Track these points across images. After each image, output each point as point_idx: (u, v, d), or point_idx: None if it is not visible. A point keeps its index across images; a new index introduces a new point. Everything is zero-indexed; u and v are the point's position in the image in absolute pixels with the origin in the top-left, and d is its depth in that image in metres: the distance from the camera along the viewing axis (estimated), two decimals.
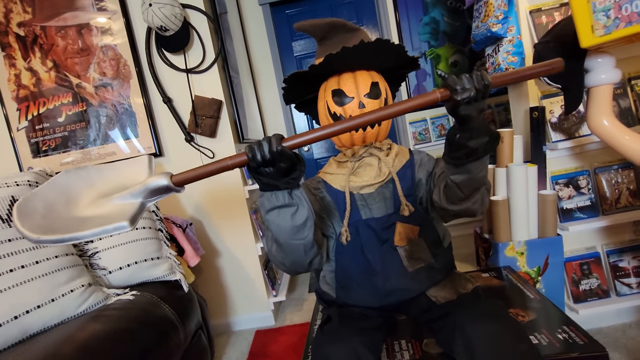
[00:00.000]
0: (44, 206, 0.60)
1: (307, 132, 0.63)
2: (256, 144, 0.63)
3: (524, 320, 0.93)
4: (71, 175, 0.65)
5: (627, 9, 0.76)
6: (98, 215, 0.60)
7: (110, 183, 0.65)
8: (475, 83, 0.60)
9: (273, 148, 0.62)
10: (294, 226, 0.74)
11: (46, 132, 1.81)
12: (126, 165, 0.67)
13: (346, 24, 0.93)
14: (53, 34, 1.75)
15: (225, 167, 0.62)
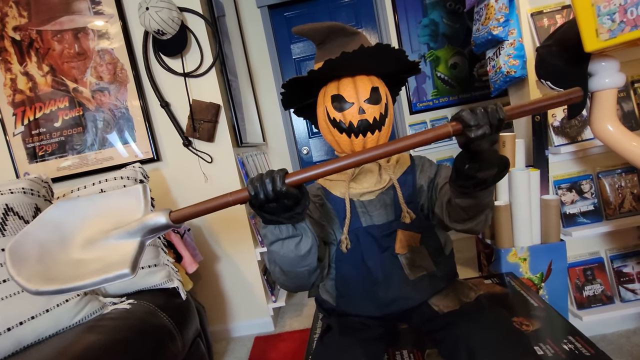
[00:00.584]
0: (37, 248, 0.57)
1: (314, 167, 0.60)
2: (258, 180, 0.60)
3: (528, 330, 0.91)
4: (62, 210, 0.61)
5: (633, 13, 0.75)
6: (96, 257, 0.57)
7: (105, 218, 0.61)
8: (490, 118, 0.57)
9: (277, 187, 0.59)
10: (298, 256, 0.72)
11: (42, 137, 1.79)
12: (120, 197, 0.63)
13: (345, 28, 0.91)
14: (49, 38, 1.73)
15: (226, 203, 0.59)
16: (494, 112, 0.58)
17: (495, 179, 0.64)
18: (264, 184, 0.59)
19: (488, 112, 0.57)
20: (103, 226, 0.60)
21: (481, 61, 2.58)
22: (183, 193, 1.86)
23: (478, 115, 0.57)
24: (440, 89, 2.63)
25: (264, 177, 0.59)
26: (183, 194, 1.86)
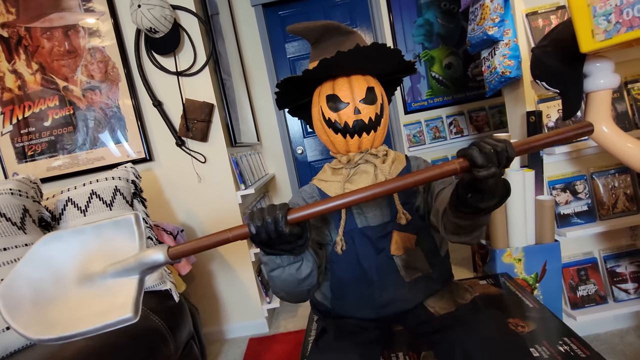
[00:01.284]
0: (30, 289, 0.54)
1: (317, 204, 0.58)
2: (260, 220, 0.58)
3: (524, 331, 0.91)
4: (50, 245, 0.58)
5: (629, 14, 0.75)
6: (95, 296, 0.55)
7: (98, 251, 0.59)
8: (499, 158, 0.55)
9: (279, 228, 0.57)
10: (298, 279, 0.72)
11: (32, 137, 1.76)
12: (112, 229, 0.59)
13: (341, 27, 0.90)
14: (38, 35, 1.70)
15: (226, 240, 0.58)
16: (504, 152, 0.55)
17: (496, 206, 0.63)
18: (266, 225, 0.57)
19: (498, 151, 0.55)
20: (97, 261, 0.58)
21: (475, 61, 2.59)
22: (176, 193, 1.84)
23: (487, 155, 0.55)
24: (435, 89, 2.63)
25: (265, 216, 0.57)
26: (176, 195, 1.84)
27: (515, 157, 0.57)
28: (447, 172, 0.57)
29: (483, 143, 0.56)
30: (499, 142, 0.56)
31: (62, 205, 1.24)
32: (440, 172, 0.57)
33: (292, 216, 0.58)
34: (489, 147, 0.55)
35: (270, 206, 0.59)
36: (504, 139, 0.57)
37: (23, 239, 1.02)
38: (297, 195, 0.96)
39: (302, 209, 0.58)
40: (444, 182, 0.88)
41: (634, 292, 1.38)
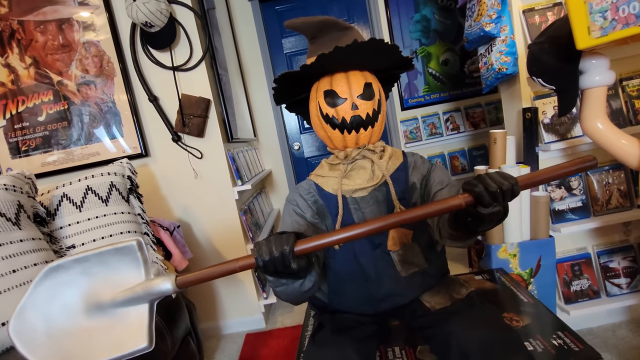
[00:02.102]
0: (42, 321, 0.55)
1: (323, 236, 0.59)
2: (267, 253, 0.58)
3: (518, 326, 0.92)
4: (54, 277, 0.58)
5: (625, 11, 0.75)
6: (107, 325, 0.57)
7: (104, 280, 0.59)
8: (504, 197, 0.56)
9: (286, 263, 0.58)
10: (302, 292, 0.73)
11: (26, 132, 1.74)
12: (115, 256, 0.59)
13: (338, 22, 0.90)
14: (32, 28, 1.67)
15: (232, 270, 0.59)
16: (509, 191, 0.56)
17: (493, 227, 0.64)
18: (274, 260, 0.58)
19: (504, 191, 0.55)
20: (104, 289, 0.58)
21: (472, 58, 2.59)
22: (172, 189, 1.83)
23: (494, 194, 0.55)
24: (432, 85, 2.63)
25: (273, 251, 0.58)
26: (172, 191, 1.83)
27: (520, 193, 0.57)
28: (452, 207, 0.58)
29: (490, 181, 0.56)
30: (505, 180, 0.56)
31: (57, 201, 1.23)
32: (445, 206, 0.58)
33: (299, 248, 0.58)
34: (495, 187, 0.55)
35: (277, 238, 0.59)
36: (510, 175, 0.57)
37: (18, 234, 1.01)
38: (294, 191, 0.96)
39: (309, 241, 0.59)
40: (441, 181, 0.89)
41: (626, 287, 1.40)
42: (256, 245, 0.60)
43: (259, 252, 0.59)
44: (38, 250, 1.04)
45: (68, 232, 1.20)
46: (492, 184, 0.56)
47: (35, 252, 1.03)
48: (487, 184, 0.56)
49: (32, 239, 1.05)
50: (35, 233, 1.07)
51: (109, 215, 1.25)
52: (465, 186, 0.58)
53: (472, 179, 0.59)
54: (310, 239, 0.59)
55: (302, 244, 0.59)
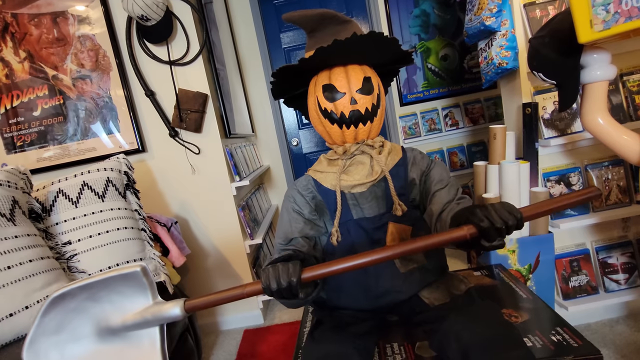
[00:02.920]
0: (54, 348, 0.56)
1: (330, 264, 0.61)
2: (275, 282, 0.60)
3: (517, 321, 0.91)
4: (60, 305, 0.58)
5: (628, 4, 0.74)
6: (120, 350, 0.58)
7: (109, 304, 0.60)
8: (508, 232, 0.57)
9: (293, 291, 0.60)
10: (304, 302, 0.73)
11: (21, 127, 1.72)
12: (119, 281, 0.59)
13: (337, 15, 0.88)
14: (26, 22, 1.65)
15: (240, 296, 0.61)
16: (514, 227, 0.56)
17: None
18: (281, 289, 0.59)
19: (509, 226, 0.56)
20: (113, 313, 0.60)
21: (471, 53, 2.58)
22: (170, 185, 1.82)
23: (499, 230, 0.56)
24: (431, 80, 2.62)
25: (281, 281, 0.59)
26: (170, 186, 1.82)
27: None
28: (456, 239, 0.59)
29: (496, 215, 0.57)
30: (512, 216, 0.56)
31: (53, 197, 1.21)
32: (449, 237, 0.59)
33: (306, 276, 0.60)
34: (501, 223, 0.56)
35: (284, 268, 0.60)
36: (516, 209, 0.57)
37: (12, 230, 1.00)
38: (292, 188, 0.95)
39: (316, 269, 0.61)
40: (441, 180, 0.89)
41: (624, 283, 1.40)
42: (263, 273, 0.61)
43: (267, 282, 0.60)
44: (33, 246, 1.03)
45: (64, 228, 1.19)
46: (499, 220, 0.56)
47: (31, 248, 1.02)
48: (493, 220, 0.56)
49: (27, 235, 1.04)
50: (30, 229, 1.06)
51: (105, 211, 1.24)
52: (471, 217, 0.59)
53: (477, 210, 0.60)
54: (317, 267, 0.61)
55: (309, 271, 0.60)
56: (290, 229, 0.90)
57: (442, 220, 0.79)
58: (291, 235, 0.89)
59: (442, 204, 0.84)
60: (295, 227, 0.89)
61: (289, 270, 0.60)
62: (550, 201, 0.59)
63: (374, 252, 0.60)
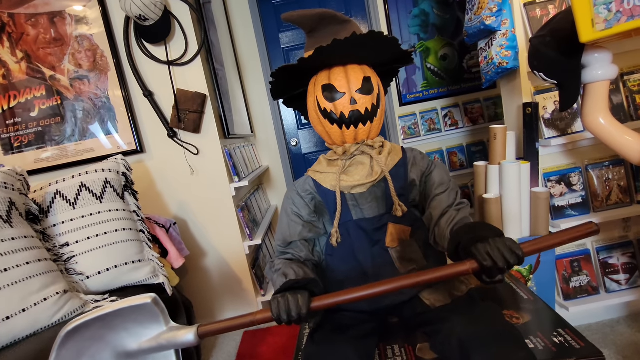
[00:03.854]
0: None
1: (337, 294, 0.65)
2: (285, 313, 0.63)
3: (519, 323, 0.91)
4: (75, 338, 0.60)
5: (630, 3, 0.73)
6: None
7: (124, 331, 0.63)
8: (508, 269, 0.60)
9: (303, 321, 0.64)
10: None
11: (18, 127, 1.71)
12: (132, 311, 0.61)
13: (337, 15, 0.88)
14: (22, 22, 1.64)
15: (251, 323, 0.64)
16: (515, 263, 0.59)
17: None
18: (291, 319, 0.64)
19: (511, 264, 0.59)
20: (128, 340, 0.62)
21: (471, 53, 2.57)
22: (168, 186, 1.81)
23: (500, 270, 0.59)
24: (430, 80, 2.61)
25: (292, 313, 0.63)
26: (168, 187, 1.81)
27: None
28: (459, 273, 0.62)
29: (499, 255, 0.59)
30: (514, 255, 0.59)
31: (51, 198, 1.20)
32: (451, 272, 0.63)
33: (315, 305, 0.64)
34: (503, 263, 0.59)
35: (293, 299, 0.64)
36: (518, 246, 0.60)
37: (9, 232, 0.99)
38: (292, 189, 0.95)
39: (324, 298, 0.65)
40: (441, 183, 0.89)
41: (625, 283, 1.40)
42: (274, 303, 0.65)
43: (277, 313, 0.64)
44: (30, 248, 1.02)
45: (61, 230, 1.18)
46: (501, 260, 0.59)
47: (28, 250, 1.01)
48: (496, 259, 0.59)
49: (25, 237, 1.03)
50: (27, 231, 1.05)
51: (103, 212, 1.23)
52: (474, 251, 0.61)
53: (480, 246, 0.62)
54: (325, 297, 0.65)
55: (318, 301, 0.64)
56: (289, 233, 0.91)
57: (441, 228, 0.82)
58: (290, 239, 0.91)
59: (442, 209, 0.85)
60: (293, 231, 0.90)
61: (298, 303, 0.63)
62: (550, 237, 0.63)
63: (381, 284, 0.64)
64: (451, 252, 0.73)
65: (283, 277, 0.78)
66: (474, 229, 0.70)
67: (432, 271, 0.63)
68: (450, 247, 0.73)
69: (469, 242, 0.66)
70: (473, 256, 0.62)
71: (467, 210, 0.87)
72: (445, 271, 0.62)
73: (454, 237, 0.73)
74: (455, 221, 0.81)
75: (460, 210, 0.84)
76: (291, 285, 0.70)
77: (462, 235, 0.70)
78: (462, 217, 0.82)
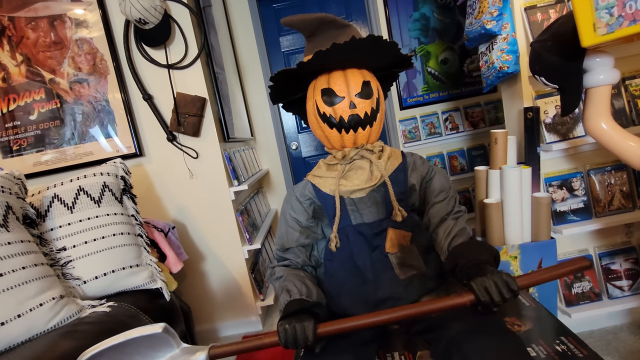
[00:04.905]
0: None
1: (342, 321, 0.68)
2: (293, 339, 0.66)
3: (520, 330, 0.90)
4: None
5: (632, 7, 0.73)
6: None
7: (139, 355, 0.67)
8: (503, 303, 0.63)
9: (310, 347, 0.68)
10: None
11: (17, 131, 1.71)
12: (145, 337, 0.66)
13: (336, 19, 0.88)
14: (22, 25, 1.64)
15: (261, 346, 0.69)
16: (510, 298, 0.63)
17: None
18: (297, 343, 0.67)
19: (506, 299, 0.63)
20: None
21: (471, 57, 2.57)
22: (167, 189, 1.80)
23: (497, 304, 0.63)
24: (431, 84, 2.61)
25: (298, 340, 0.66)
26: (167, 191, 1.80)
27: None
28: (457, 305, 0.66)
29: (495, 291, 0.63)
30: (510, 291, 0.62)
31: (48, 202, 1.20)
32: (451, 303, 0.66)
33: (321, 331, 0.68)
34: (499, 299, 0.63)
35: (300, 327, 0.67)
36: (514, 282, 0.63)
37: (5, 237, 0.98)
38: (291, 194, 0.94)
39: (329, 325, 0.68)
40: (441, 191, 0.90)
41: (628, 289, 1.38)
42: (281, 329, 0.67)
43: (285, 340, 0.67)
44: (27, 253, 1.01)
45: (59, 234, 1.17)
46: (497, 297, 0.63)
47: (24, 254, 1.00)
48: (493, 295, 0.63)
49: (21, 242, 1.02)
50: (24, 235, 1.04)
51: (101, 216, 1.22)
52: (473, 285, 0.65)
53: (478, 280, 0.65)
54: (330, 324, 0.68)
55: (324, 327, 0.68)
56: (286, 239, 0.92)
57: (439, 237, 0.86)
58: (287, 244, 0.92)
59: (440, 217, 0.88)
60: (291, 237, 0.91)
61: (304, 331, 0.66)
62: (544, 272, 0.67)
63: (383, 313, 0.68)
64: (449, 270, 0.77)
65: (287, 295, 0.80)
66: (470, 251, 0.75)
67: (434, 302, 0.67)
68: (448, 265, 0.77)
69: (466, 265, 0.71)
70: (471, 289, 0.65)
71: (465, 218, 0.89)
72: (445, 302, 0.66)
73: (452, 257, 0.77)
74: (453, 233, 0.84)
75: (458, 219, 0.87)
76: (297, 310, 0.72)
77: (460, 256, 0.75)
78: (459, 229, 0.85)
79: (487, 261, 0.73)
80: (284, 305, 0.78)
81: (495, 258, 0.75)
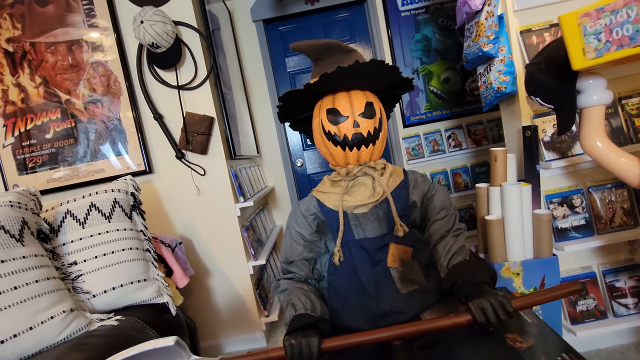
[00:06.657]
0: None
1: (345, 337, 0.72)
2: (297, 352, 0.69)
3: (522, 347, 0.90)
4: None
5: (618, 33, 0.77)
6: None
7: None
8: (498, 323, 0.67)
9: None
10: None
11: (33, 149, 1.77)
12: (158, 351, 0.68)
13: (341, 45, 0.93)
14: (43, 49, 1.73)
15: (269, 358, 0.72)
16: (506, 319, 0.67)
17: None
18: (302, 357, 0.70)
19: (501, 320, 0.67)
20: None
21: (473, 76, 2.63)
22: (175, 206, 1.84)
23: (493, 325, 0.67)
24: (433, 103, 2.66)
25: (303, 351, 0.70)
26: (175, 207, 1.84)
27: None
28: (456, 324, 0.69)
29: (492, 313, 0.66)
30: (506, 313, 0.66)
31: (61, 217, 1.24)
32: (449, 322, 0.70)
33: (325, 346, 0.71)
34: (495, 321, 0.67)
35: (305, 342, 0.70)
36: (509, 304, 0.68)
37: (21, 251, 1.02)
38: (296, 209, 0.97)
39: (334, 340, 0.72)
40: (442, 208, 0.93)
41: (633, 307, 1.37)
42: (287, 345, 0.71)
43: (292, 354, 0.70)
44: (40, 266, 1.05)
45: (71, 249, 1.20)
46: (494, 318, 0.66)
47: (38, 268, 1.03)
48: (489, 316, 0.67)
49: (35, 256, 1.05)
50: (38, 249, 1.08)
51: (111, 231, 1.26)
52: (471, 306, 0.69)
53: (475, 301, 0.69)
54: (334, 339, 0.72)
55: (328, 343, 0.71)
56: (290, 252, 0.96)
57: (438, 253, 0.90)
58: (291, 258, 0.96)
59: (440, 234, 0.91)
60: (295, 251, 0.95)
61: (310, 347, 0.69)
62: (538, 294, 0.71)
63: (385, 330, 0.71)
64: (447, 287, 0.81)
65: (292, 309, 0.83)
66: (469, 270, 0.79)
67: (434, 321, 0.70)
68: (447, 283, 0.82)
69: (465, 284, 0.76)
70: (469, 309, 0.69)
71: (464, 235, 0.93)
72: (444, 322, 0.70)
73: (451, 276, 0.82)
74: (453, 251, 0.87)
75: (458, 237, 0.91)
76: (302, 326, 0.75)
77: (458, 275, 0.79)
78: (459, 246, 0.88)
79: (485, 281, 0.76)
80: (290, 319, 0.80)
81: (492, 277, 0.78)
